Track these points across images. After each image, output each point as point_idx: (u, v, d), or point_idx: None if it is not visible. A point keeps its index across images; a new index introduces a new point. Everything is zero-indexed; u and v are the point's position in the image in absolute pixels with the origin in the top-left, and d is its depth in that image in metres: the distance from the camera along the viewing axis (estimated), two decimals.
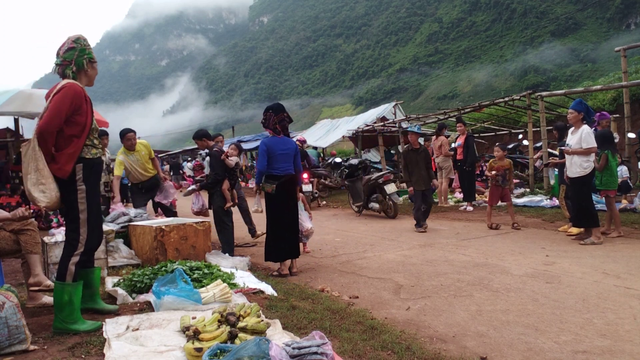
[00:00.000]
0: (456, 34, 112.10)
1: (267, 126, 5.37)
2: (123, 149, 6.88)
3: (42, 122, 3.02)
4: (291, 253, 5.31)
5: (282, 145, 5.30)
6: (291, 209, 5.37)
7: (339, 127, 19.12)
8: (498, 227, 7.54)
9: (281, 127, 5.34)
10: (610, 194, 6.41)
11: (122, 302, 3.77)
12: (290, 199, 5.35)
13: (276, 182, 5.23)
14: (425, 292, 4.30)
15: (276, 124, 5.30)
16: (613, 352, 2.87)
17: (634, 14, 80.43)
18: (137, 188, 7.06)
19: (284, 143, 5.33)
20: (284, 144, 5.32)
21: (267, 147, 5.27)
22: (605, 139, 6.44)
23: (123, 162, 6.84)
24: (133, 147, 6.85)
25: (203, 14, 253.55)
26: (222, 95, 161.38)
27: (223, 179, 6.10)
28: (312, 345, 2.43)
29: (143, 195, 7.06)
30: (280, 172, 5.27)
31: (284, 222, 5.29)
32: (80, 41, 3.26)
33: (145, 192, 7.06)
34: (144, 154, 6.92)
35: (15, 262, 5.01)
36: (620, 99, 12.99)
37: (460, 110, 13.02)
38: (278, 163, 5.27)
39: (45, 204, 3.01)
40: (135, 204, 7.08)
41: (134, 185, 7.09)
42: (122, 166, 6.85)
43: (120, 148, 6.99)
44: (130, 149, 6.85)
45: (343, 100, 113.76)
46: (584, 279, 4.47)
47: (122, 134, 6.91)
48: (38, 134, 3.01)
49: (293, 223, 5.37)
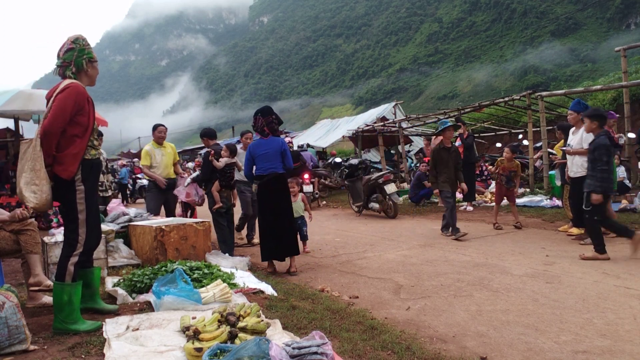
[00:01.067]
0: (456, 34, 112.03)
1: (256, 129, 5.54)
2: (152, 142, 7.05)
3: (47, 121, 3.01)
4: (282, 253, 5.31)
5: (264, 146, 5.41)
6: (276, 209, 5.31)
7: (339, 127, 19.13)
8: (500, 228, 7.55)
9: (269, 129, 5.44)
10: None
11: (122, 302, 3.77)
12: (279, 199, 5.33)
13: (258, 181, 5.37)
14: (425, 292, 4.30)
15: (264, 126, 5.42)
16: (613, 352, 2.87)
17: (634, 14, 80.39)
18: (155, 184, 6.99)
19: (267, 143, 5.42)
20: (267, 145, 5.41)
21: (250, 151, 5.48)
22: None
23: (149, 152, 6.91)
24: (162, 141, 7.04)
25: (203, 14, 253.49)
26: (222, 95, 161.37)
27: (210, 179, 6.12)
28: (312, 345, 2.43)
29: (158, 194, 6.98)
30: (263, 172, 5.36)
31: (269, 221, 5.30)
32: (79, 41, 3.25)
33: (160, 192, 6.99)
34: (170, 152, 7.08)
35: (15, 262, 5.01)
36: (620, 99, 12.98)
37: (460, 110, 13.02)
38: (261, 163, 5.41)
39: (34, 205, 2.98)
40: (148, 201, 7.07)
41: (151, 182, 7.05)
42: (149, 156, 6.89)
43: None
44: (159, 142, 7.01)
45: (343, 100, 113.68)
46: (584, 279, 4.47)
47: (154, 128, 7.13)
48: (42, 134, 3.00)
49: (285, 223, 5.31)
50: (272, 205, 5.31)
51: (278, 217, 5.30)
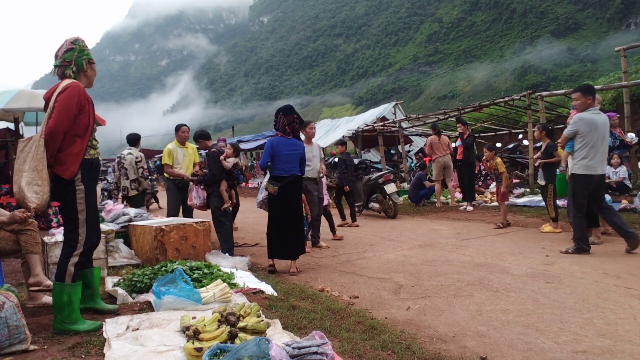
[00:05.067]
0: (456, 34, 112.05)
1: (277, 128, 5.41)
2: (175, 142, 7.12)
3: (52, 122, 3.00)
4: (286, 254, 5.31)
5: (289, 147, 5.31)
6: (291, 211, 5.33)
7: (339, 127, 19.14)
8: (503, 226, 7.64)
9: (290, 129, 5.35)
10: None
11: (122, 302, 3.77)
12: (291, 201, 5.33)
13: (279, 183, 5.24)
14: (425, 292, 4.30)
15: (285, 125, 5.32)
16: (613, 352, 2.87)
17: (634, 14, 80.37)
18: (174, 184, 7.03)
19: (291, 144, 5.34)
20: (291, 145, 5.33)
21: (273, 146, 5.30)
22: None
23: (172, 151, 6.95)
24: (184, 141, 7.12)
25: (203, 13, 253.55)
26: (223, 95, 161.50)
27: (220, 179, 6.10)
28: (312, 345, 2.43)
29: (177, 192, 7.01)
30: (285, 173, 5.28)
31: (282, 222, 5.29)
32: (79, 42, 3.27)
33: (179, 192, 7.02)
34: (191, 153, 7.13)
35: (15, 262, 5.01)
36: (620, 99, 12.97)
37: (460, 110, 13.02)
38: (283, 164, 5.29)
39: (35, 205, 2.95)
40: (169, 201, 7.10)
41: (170, 181, 7.06)
42: (172, 156, 6.92)
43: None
44: (181, 143, 7.08)
45: (343, 100, 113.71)
46: (584, 279, 4.47)
47: (177, 128, 7.17)
48: (47, 134, 2.98)
49: (292, 225, 5.31)
50: (286, 205, 5.29)
51: (289, 217, 5.30)
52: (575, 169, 5.58)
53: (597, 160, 5.48)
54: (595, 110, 5.58)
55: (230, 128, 46.24)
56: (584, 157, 5.49)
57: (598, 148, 5.47)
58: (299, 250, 5.37)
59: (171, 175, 6.97)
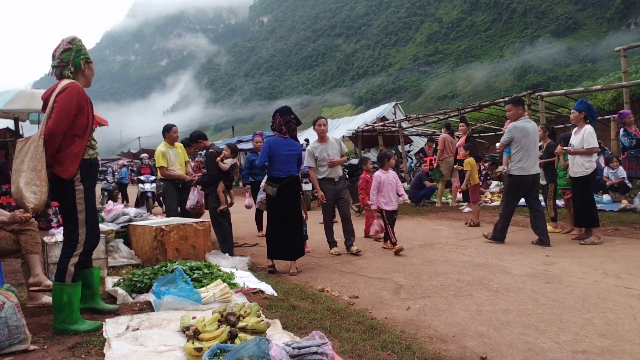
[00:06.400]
0: (456, 34, 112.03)
1: (273, 128, 5.40)
2: (164, 143, 7.04)
3: (52, 122, 2.99)
4: (286, 254, 5.31)
5: (286, 147, 5.30)
6: (291, 211, 5.32)
7: (339, 127, 19.13)
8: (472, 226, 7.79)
9: (287, 129, 5.34)
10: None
11: (122, 302, 3.77)
12: (290, 201, 5.33)
13: (278, 185, 5.24)
14: (425, 292, 4.30)
15: (282, 125, 5.31)
16: (613, 352, 2.87)
17: (634, 14, 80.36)
18: (173, 185, 6.97)
19: (289, 144, 5.33)
20: (288, 145, 5.32)
21: (270, 146, 5.27)
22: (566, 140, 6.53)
23: (165, 152, 6.88)
24: (174, 141, 7.09)
25: (203, 13, 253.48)
26: (223, 95, 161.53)
27: (217, 180, 6.09)
28: (312, 345, 2.43)
29: (177, 192, 6.96)
30: (283, 174, 5.27)
31: (282, 223, 5.28)
32: (76, 42, 3.27)
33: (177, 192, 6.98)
34: (180, 152, 7.11)
35: (15, 262, 5.00)
36: (620, 99, 12.99)
37: (460, 110, 13.02)
38: (281, 164, 5.28)
39: (33, 206, 2.94)
40: (168, 201, 7.05)
41: (168, 183, 7.00)
42: (165, 157, 6.85)
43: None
44: (171, 143, 7.03)
45: (343, 100, 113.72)
46: (584, 279, 4.47)
47: (167, 128, 7.12)
48: (47, 135, 2.97)
49: (292, 225, 5.31)
50: (285, 206, 5.29)
51: (288, 218, 5.30)
52: (512, 171, 6.23)
53: (530, 162, 6.15)
54: (525, 119, 6.31)
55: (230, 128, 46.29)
56: (519, 159, 6.16)
57: (531, 152, 6.15)
58: (298, 251, 5.37)
59: (170, 177, 6.90)
